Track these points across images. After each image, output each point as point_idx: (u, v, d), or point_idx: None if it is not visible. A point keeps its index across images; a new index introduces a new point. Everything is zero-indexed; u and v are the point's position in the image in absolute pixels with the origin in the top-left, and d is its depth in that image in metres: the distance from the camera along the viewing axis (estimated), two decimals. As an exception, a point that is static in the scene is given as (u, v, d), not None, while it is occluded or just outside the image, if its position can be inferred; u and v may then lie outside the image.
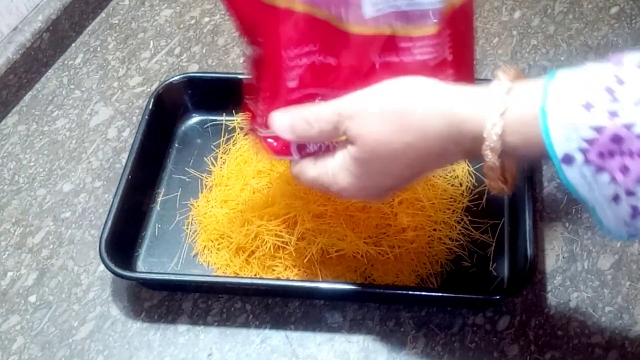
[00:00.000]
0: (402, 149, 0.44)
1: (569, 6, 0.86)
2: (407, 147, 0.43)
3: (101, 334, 0.63)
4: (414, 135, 0.43)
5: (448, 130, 0.42)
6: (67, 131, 0.79)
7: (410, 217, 0.63)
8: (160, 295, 0.65)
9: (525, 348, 0.59)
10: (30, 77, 0.84)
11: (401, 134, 0.43)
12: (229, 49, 0.85)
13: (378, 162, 0.45)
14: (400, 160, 0.45)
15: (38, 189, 0.74)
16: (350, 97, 0.46)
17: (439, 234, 0.64)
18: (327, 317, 0.62)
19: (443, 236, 0.64)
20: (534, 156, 0.45)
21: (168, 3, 0.92)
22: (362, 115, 0.45)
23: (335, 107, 0.46)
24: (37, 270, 0.67)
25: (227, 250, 0.64)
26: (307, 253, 0.61)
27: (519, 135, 0.40)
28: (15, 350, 0.62)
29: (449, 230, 0.64)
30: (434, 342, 0.60)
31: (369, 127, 0.44)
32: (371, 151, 0.45)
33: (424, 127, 0.43)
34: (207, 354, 0.61)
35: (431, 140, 0.43)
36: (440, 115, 0.42)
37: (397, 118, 0.44)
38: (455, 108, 0.42)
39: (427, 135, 0.43)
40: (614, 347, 0.59)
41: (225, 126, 0.74)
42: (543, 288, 0.63)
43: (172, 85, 0.74)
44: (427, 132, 0.43)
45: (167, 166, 0.73)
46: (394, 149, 0.44)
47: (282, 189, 0.64)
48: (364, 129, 0.45)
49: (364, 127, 0.45)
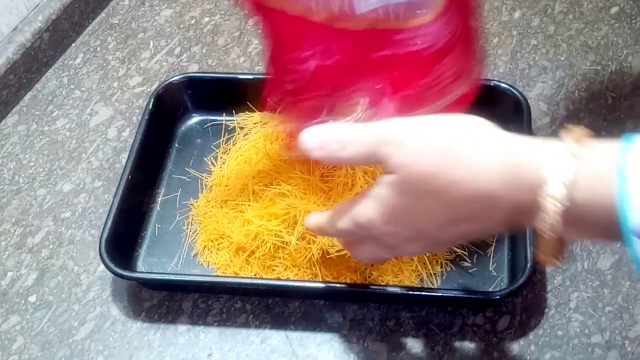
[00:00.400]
0: (447, 186, 0.40)
1: (569, 6, 0.86)
2: (453, 185, 0.39)
3: (101, 334, 0.63)
4: (464, 172, 0.39)
5: (503, 174, 0.38)
6: (67, 131, 0.79)
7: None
8: (160, 295, 0.65)
9: (525, 348, 0.59)
10: (30, 77, 0.84)
11: (450, 169, 0.39)
12: (229, 49, 0.85)
13: (417, 196, 0.41)
14: (441, 198, 0.40)
15: (38, 189, 0.74)
16: (395, 123, 0.43)
17: (439, 234, 0.64)
18: (327, 317, 0.62)
19: (443, 236, 0.64)
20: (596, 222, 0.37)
21: (168, 3, 0.92)
22: (409, 143, 0.41)
23: (377, 130, 0.43)
24: (37, 270, 0.67)
25: (227, 250, 0.64)
26: (307, 253, 0.61)
27: (589, 191, 0.35)
28: (15, 350, 0.62)
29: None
30: (434, 342, 0.60)
31: (416, 156, 0.40)
32: (414, 183, 0.41)
33: (478, 164, 0.39)
34: (207, 354, 0.61)
35: (482, 182, 0.39)
36: (498, 156, 0.39)
37: (449, 151, 0.40)
38: (518, 150, 0.39)
39: (479, 175, 0.39)
40: (614, 347, 0.59)
41: (225, 126, 0.74)
42: (543, 288, 0.63)
43: (172, 85, 0.74)
44: (479, 172, 0.39)
45: (167, 166, 0.73)
46: (439, 185, 0.40)
47: (282, 188, 0.64)
48: (410, 158, 0.41)
49: (409, 156, 0.41)
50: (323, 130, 0.46)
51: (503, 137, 0.40)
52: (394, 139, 0.42)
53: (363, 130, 0.44)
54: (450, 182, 0.39)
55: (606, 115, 0.74)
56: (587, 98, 0.76)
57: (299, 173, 0.64)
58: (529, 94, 0.76)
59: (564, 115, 0.75)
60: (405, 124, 0.42)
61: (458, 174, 0.39)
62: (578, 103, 0.76)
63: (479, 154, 0.39)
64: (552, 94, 0.77)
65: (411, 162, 0.41)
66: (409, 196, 0.41)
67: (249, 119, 0.74)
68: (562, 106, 0.76)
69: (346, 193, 0.63)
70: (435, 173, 0.40)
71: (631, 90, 0.76)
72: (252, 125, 0.73)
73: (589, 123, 0.74)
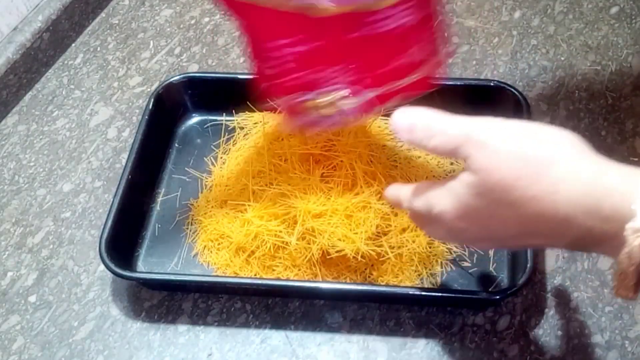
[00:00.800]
0: (526, 200, 0.39)
1: (569, 6, 0.86)
2: (533, 201, 0.39)
3: (101, 334, 0.63)
4: (544, 189, 0.38)
5: (586, 200, 0.37)
6: (67, 131, 0.79)
7: (410, 217, 0.63)
8: (160, 295, 0.65)
9: (525, 348, 0.59)
10: (30, 77, 0.84)
11: (530, 183, 0.39)
12: (229, 49, 0.85)
13: (493, 203, 0.41)
14: (517, 211, 0.40)
15: (38, 189, 0.74)
16: (484, 123, 0.42)
17: (439, 234, 0.64)
18: (327, 317, 0.62)
19: (443, 236, 0.64)
20: None
21: (168, 3, 0.92)
22: (494, 147, 0.40)
23: (465, 127, 0.42)
24: (37, 270, 0.67)
25: (227, 250, 0.64)
26: (307, 253, 0.61)
27: None
28: (15, 350, 0.62)
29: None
30: (434, 342, 0.60)
31: (498, 163, 0.40)
32: (491, 189, 0.40)
33: (560, 183, 0.38)
34: (207, 354, 0.61)
35: (562, 203, 0.38)
36: (585, 180, 0.38)
37: (533, 165, 0.39)
38: (607, 179, 0.38)
39: (560, 196, 0.38)
40: (614, 347, 0.59)
41: (225, 126, 0.74)
42: (543, 288, 0.63)
43: (172, 85, 0.74)
44: (559, 191, 0.38)
45: (167, 166, 0.73)
46: (516, 197, 0.39)
47: (282, 188, 0.64)
48: (492, 163, 0.40)
49: (492, 162, 0.40)
50: (413, 115, 0.45)
51: (594, 161, 0.39)
52: (480, 140, 0.41)
53: (451, 122, 0.43)
54: (530, 197, 0.39)
55: (606, 115, 0.74)
56: (587, 98, 0.76)
57: (299, 173, 0.64)
58: (529, 94, 0.76)
59: (564, 115, 0.75)
60: (494, 125, 0.42)
61: (539, 190, 0.39)
62: (578, 103, 0.76)
63: (565, 174, 0.38)
64: (552, 94, 0.77)
65: (492, 168, 0.40)
66: (484, 200, 0.41)
67: (249, 119, 0.74)
68: (562, 106, 0.76)
69: (346, 193, 0.63)
70: (515, 184, 0.39)
71: (631, 90, 0.76)
72: (252, 125, 0.73)
73: (589, 123, 0.74)
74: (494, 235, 0.44)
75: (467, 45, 0.83)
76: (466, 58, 0.81)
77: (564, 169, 0.39)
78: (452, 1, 0.88)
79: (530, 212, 0.39)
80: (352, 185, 0.63)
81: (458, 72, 0.80)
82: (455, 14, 0.87)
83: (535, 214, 0.39)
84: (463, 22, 0.86)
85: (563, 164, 0.39)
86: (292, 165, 0.65)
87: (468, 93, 0.71)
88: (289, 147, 0.65)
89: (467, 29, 0.85)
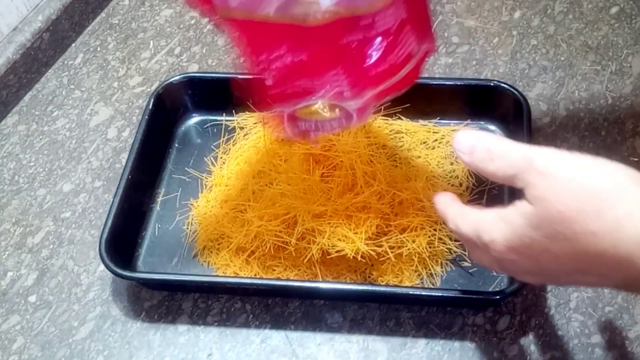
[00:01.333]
0: (584, 236, 0.37)
1: (569, 6, 0.86)
2: (591, 237, 0.37)
3: (101, 334, 0.63)
4: (607, 226, 0.37)
5: None
6: (67, 131, 0.79)
7: (410, 217, 0.63)
8: (160, 295, 0.65)
9: (525, 348, 0.59)
10: (30, 77, 0.84)
11: (593, 220, 0.37)
12: (229, 49, 0.85)
13: (549, 236, 0.39)
14: (574, 246, 0.38)
15: (38, 189, 0.74)
16: (546, 151, 0.40)
17: (439, 234, 0.64)
18: (327, 317, 0.62)
19: (443, 236, 0.64)
20: None
21: (168, 3, 0.92)
22: (556, 177, 0.39)
23: (527, 153, 0.41)
24: (37, 270, 0.67)
25: (227, 250, 0.64)
26: (307, 253, 0.61)
27: None
28: (15, 350, 0.62)
29: (449, 230, 0.64)
30: (434, 342, 0.60)
31: (559, 194, 0.38)
32: (550, 221, 0.38)
33: (623, 221, 0.37)
34: (207, 354, 0.61)
35: (621, 243, 0.36)
36: None
37: (597, 199, 0.37)
38: None
39: (621, 235, 0.36)
40: (614, 347, 0.59)
41: (225, 126, 0.74)
42: (543, 288, 0.63)
43: (172, 85, 0.74)
44: (623, 229, 0.36)
45: (167, 166, 0.73)
46: (575, 231, 0.37)
47: (282, 188, 0.64)
48: (552, 194, 0.38)
49: (552, 192, 0.38)
50: (474, 137, 0.44)
51: None
52: (541, 168, 0.40)
53: (513, 148, 0.42)
54: (591, 233, 0.37)
55: (606, 115, 0.74)
56: (587, 98, 0.76)
57: (299, 173, 0.64)
58: (529, 94, 0.76)
59: (564, 115, 0.75)
60: (556, 155, 0.40)
61: (601, 226, 0.37)
62: (578, 103, 0.76)
63: (629, 210, 0.37)
64: (552, 94, 0.77)
65: (552, 199, 0.38)
66: (541, 232, 0.39)
67: (249, 119, 0.74)
68: (562, 106, 0.76)
69: (346, 193, 0.63)
70: (576, 217, 0.37)
71: (631, 90, 0.76)
72: (252, 125, 0.73)
73: (589, 123, 0.74)
74: (546, 270, 0.42)
75: (467, 45, 0.83)
76: (466, 58, 0.81)
77: (627, 205, 0.37)
78: (452, 1, 0.88)
79: (588, 249, 0.38)
80: (352, 186, 0.63)
81: (458, 72, 0.80)
82: (455, 14, 0.87)
83: (592, 252, 0.38)
84: (463, 22, 0.86)
85: (627, 201, 0.37)
86: (292, 165, 0.65)
87: (468, 93, 0.71)
88: (289, 147, 0.65)
89: (467, 29, 0.85)
